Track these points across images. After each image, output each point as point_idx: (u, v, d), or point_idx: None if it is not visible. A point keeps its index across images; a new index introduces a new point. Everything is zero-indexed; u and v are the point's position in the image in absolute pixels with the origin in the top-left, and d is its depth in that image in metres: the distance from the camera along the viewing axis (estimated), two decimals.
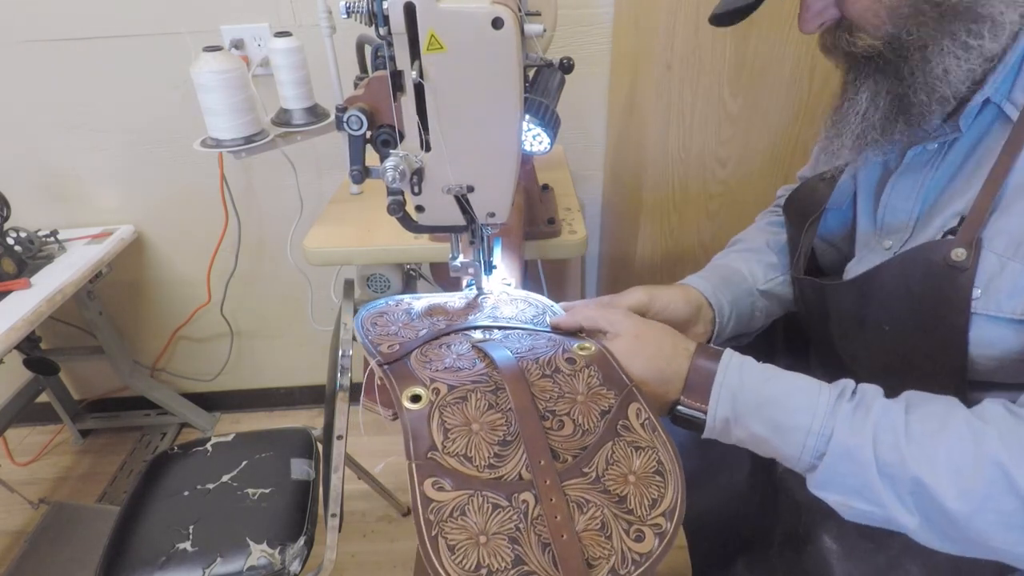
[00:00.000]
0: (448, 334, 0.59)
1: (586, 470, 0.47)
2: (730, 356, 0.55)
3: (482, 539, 0.42)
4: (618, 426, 0.51)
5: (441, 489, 0.44)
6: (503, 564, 0.41)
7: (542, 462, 0.47)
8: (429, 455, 0.46)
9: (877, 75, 0.53)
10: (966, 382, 0.53)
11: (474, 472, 0.46)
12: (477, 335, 0.59)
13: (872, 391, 0.50)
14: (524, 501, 0.45)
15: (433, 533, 0.42)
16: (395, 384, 0.52)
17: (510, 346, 0.58)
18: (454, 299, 0.66)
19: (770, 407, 0.51)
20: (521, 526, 0.44)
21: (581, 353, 0.57)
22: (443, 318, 0.62)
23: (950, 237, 0.51)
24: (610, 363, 0.56)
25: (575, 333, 0.62)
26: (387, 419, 0.54)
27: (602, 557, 0.43)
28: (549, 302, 0.68)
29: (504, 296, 0.68)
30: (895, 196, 0.59)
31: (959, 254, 0.49)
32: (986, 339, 0.51)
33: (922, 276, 0.52)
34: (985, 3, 0.46)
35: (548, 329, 0.62)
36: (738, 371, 0.53)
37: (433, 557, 0.41)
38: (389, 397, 0.53)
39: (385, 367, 0.54)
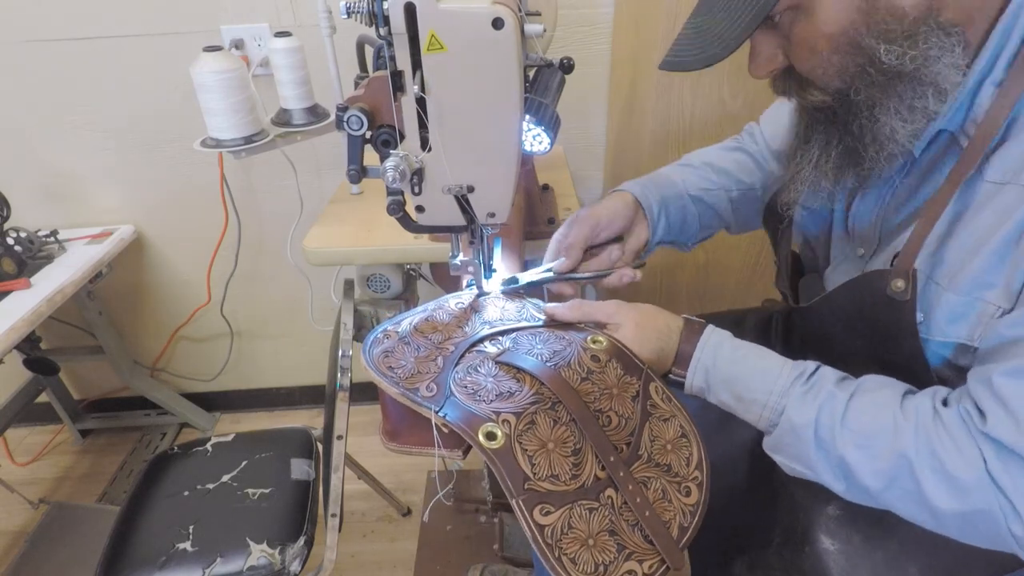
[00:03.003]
0: (462, 355, 0.59)
1: (640, 452, 0.54)
2: (709, 334, 0.61)
3: (590, 542, 0.47)
4: (648, 406, 0.57)
5: (548, 513, 0.48)
6: (612, 556, 0.47)
7: (611, 458, 0.52)
8: (527, 486, 0.49)
9: (828, 126, 0.54)
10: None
11: (564, 487, 0.49)
12: (490, 348, 0.59)
13: (828, 375, 0.55)
14: (608, 496, 0.50)
15: (556, 555, 0.46)
16: (466, 428, 0.51)
17: (527, 351, 0.59)
18: (430, 310, 0.65)
19: (735, 384, 0.58)
20: (613, 518, 0.49)
21: (595, 347, 0.61)
22: (438, 334, 0.61)
23: (891, 267, 0.53)
24: (624, 353, 0.61)
25: (574, 325, 0.65)
26: (459, 460, 0.56)
27: (671, 518, 0.51)
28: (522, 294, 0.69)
29: (479, 299, 0.68)
30: (862, 208, 0.62)
31: (898, 285, 0.52)
32: (943, 360, 0.54)
33: (871, 304, 0.55)
34: (928, 70, 0.47)
35: (540, 324, 0.64)
36: (713, 350, 0.60)
37: (564, 574, 0.45)
38: (451, 439, 0.53)
39: (445, 414, 0.52)
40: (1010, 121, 0.47)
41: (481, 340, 0.60)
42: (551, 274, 0.69)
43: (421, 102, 0.50)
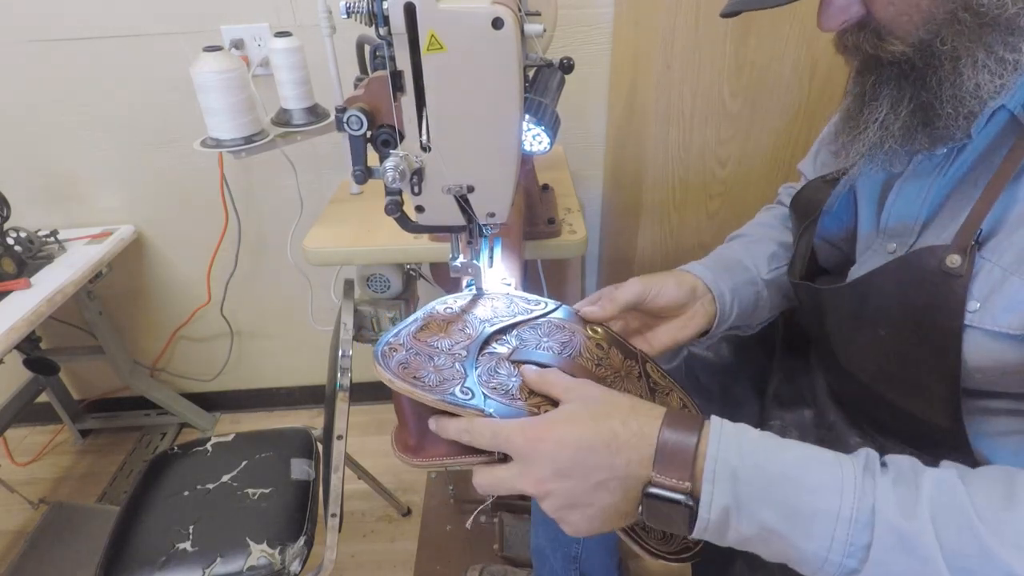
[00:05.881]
0: (476, 359, 0.58)
1: None
2: (720, 424, 0.44)
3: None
4: (651, 384, 0.60)
5: None
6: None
7: None
8: None
9: (901, 81, 0.50)
10: (960, 388, 0.52)
11: None
12: (500, 349, 0.59)
13: (908, 462, 0.41)
14: None
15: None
16: None
17: (536, 346, 0.59)
18: (421, 319, 0.63)
19: (783, 488, 0.40)
20: None
21: (596, 336, 0.62)
22: (444, 340, 0.60)
23: (945, 243, 0.49)
24: (618, 340, 0.63)
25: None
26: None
27: None
28: (505, 288, 0.69)
29: (466, 301, 0.67)
30: (901, 201, 0.58)
31: (953, 260, 0.48)
32: (984, 351, 0.49)
33: (918, 281, 0.51)
34: None
35: (534, 316, 0.64)
36: (735, 441, 0.42)
37: (641, 543, 0.48)
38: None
39: (491, 413, 0.51)
40: None
41: (487, 341, 0.60)
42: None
43: (420, 101, 0.50)
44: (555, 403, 0.51)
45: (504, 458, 0.51)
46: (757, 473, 0.40)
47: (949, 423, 0.53)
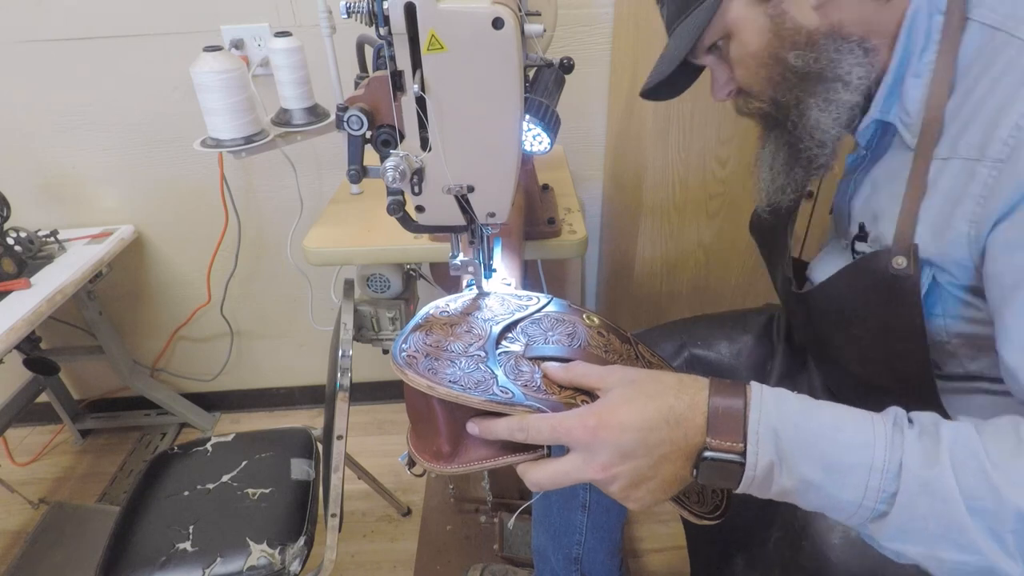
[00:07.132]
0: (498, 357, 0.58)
1: None
2: (760, 388, 0.47)
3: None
4: (646, 364, 0.62)
5: None
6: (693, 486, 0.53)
7: None
8: None
9: (775, 130, 0.63)
10: (932, 376, 0.58)
11: None
12: (512, 347, 0.59)
13: (929, 417, 0.44)
14: None
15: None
16: None
17: (544, 341, 0.59)
18: (423, 324, 0.61)
19: (820, 446, 0.43)
20: None
21: (594, 324, 0.64)
22: (457, 343, 0.58)
23: (887, 247, 0.56)
24: (611, 326, 0.64)
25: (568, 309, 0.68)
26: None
27: None
28: (505, 288, 0.69)
29: (465, 301, 0.66)
30: (839, 197, 0.67)
31: (899, 262, 0.54)
32: (954, 324, 0.55)
33: (872, 284, 0.57)
34: (832, 69, 0.55)
35: (528, 312, 0.64)
36: (775, 405, 0.45)
37: (688, 509, 0.51)
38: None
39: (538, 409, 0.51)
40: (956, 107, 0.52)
41: (497, 340, 0.59)
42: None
43: (421, 102, 0.50)
44: (588, 393, 0.51)
45: (549, 452, 0.51)
46: (796, 432, 0.44)
47: (930, 407, 0.54)
